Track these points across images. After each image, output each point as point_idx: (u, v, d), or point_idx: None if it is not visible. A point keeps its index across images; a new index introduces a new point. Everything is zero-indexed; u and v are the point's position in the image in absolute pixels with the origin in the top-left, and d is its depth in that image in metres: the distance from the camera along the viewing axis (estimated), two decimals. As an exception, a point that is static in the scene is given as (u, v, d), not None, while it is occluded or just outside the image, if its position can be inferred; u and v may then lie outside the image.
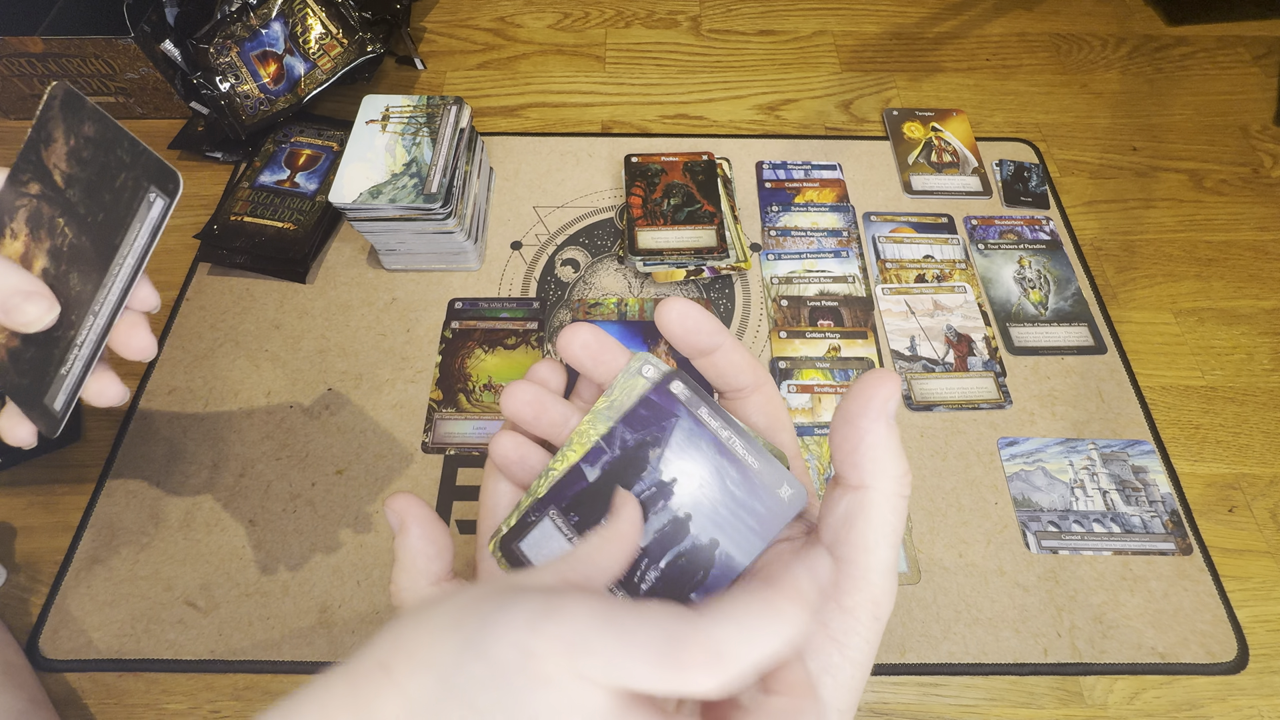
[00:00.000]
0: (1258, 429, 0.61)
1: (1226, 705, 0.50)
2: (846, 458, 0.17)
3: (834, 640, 0.16)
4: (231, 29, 0.72)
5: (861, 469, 0.17)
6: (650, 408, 0.19)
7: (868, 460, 0.16)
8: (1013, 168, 0.77)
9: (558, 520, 0.19)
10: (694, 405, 0.19)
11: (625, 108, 0.84)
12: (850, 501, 0.17)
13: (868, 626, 0.16)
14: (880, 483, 0.16)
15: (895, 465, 0.17)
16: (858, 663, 0.16)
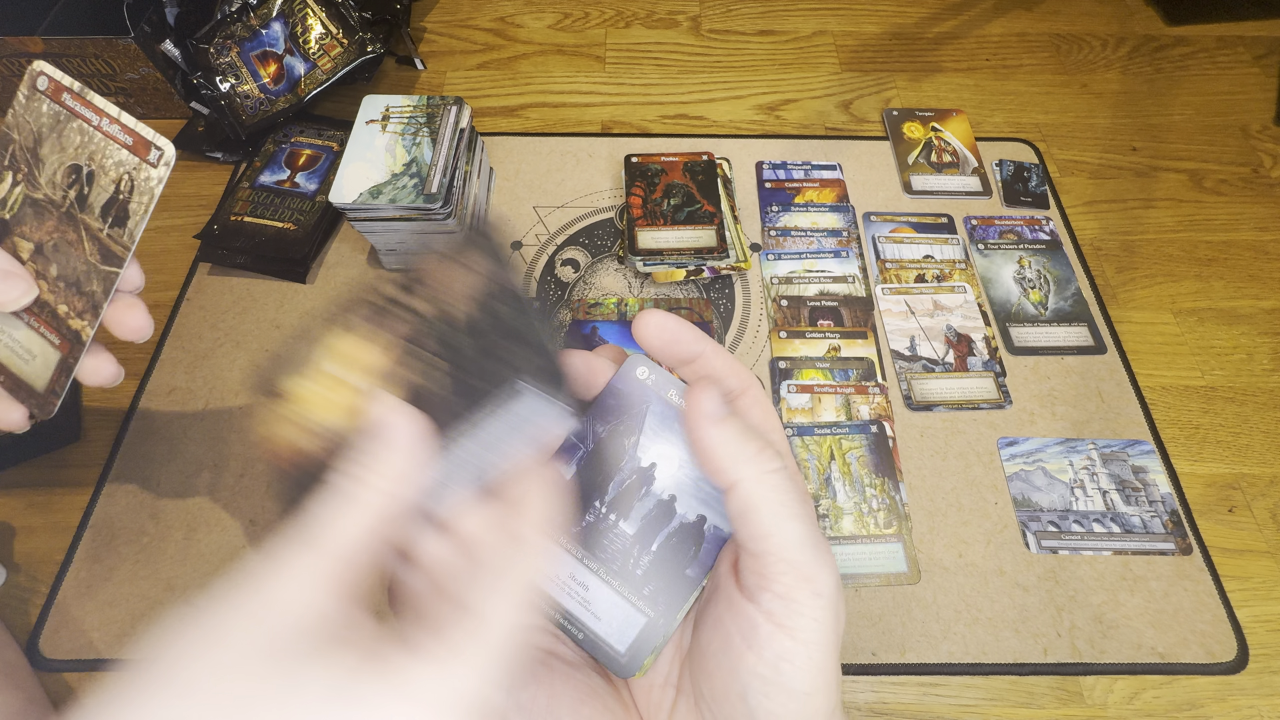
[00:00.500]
0: (1258, 429, 0.61)
1: (1226, 705, 0.50)
2: (704, 469, 0.18)
3: (781, 627, 0.17)
4: (231, 29, 0.72)
5: (720, 471, 0.17)
6: (617, 396, 0.19)
7: (718, 461, 0.17)
8: (1012, 168, 0.77)
9: None
10: (662, 388, 0.19)
11: (625, 108, 0.84)
12: (733, 501, 0.17)
13: (811, 606, 0.17)
14: (741, 471, 0.17)
15: (744, 449, 0.17)
16: (813, 643, 0.16)
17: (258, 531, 0.55)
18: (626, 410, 0.19)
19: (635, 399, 0.19)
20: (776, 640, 0.16)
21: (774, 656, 0.16)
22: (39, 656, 0.51)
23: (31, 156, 0.19)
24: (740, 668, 0.17)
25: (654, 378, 0.19)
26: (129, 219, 0.20)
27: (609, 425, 0.19)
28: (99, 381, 0.25)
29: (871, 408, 0.61)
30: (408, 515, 0.16)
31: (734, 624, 0.17)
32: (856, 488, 0.57)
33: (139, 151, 0.19)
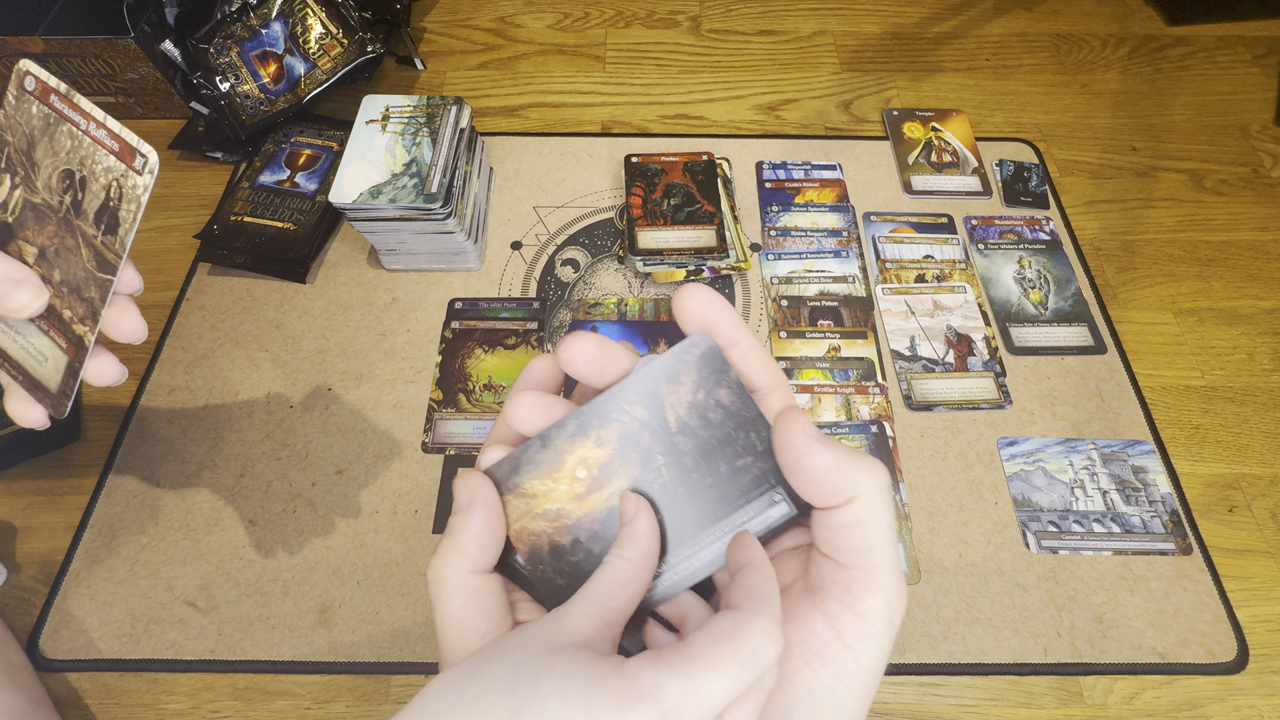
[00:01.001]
0: (1258, 429, 0.61)
1: (1226, 705, 0.50)
2: (819, 491, 0.17)
3: (848, 648, 0.16)
4: (231, 29, 0.72)
5: (837, 490, 0.17)
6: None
7: (834, 480, 0.17)
8: (1013, 168, 0.77)
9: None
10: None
11: (625, 108, 0.84)
12: (841, 514, 0.17)
13: (881, 631, 0.16)
14: (861, 486, 0.17)
15: (859, 465, 0.17)
16: (870, 669, 0.16)
17: (257, 532, 0.55)
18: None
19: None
20: (840, 660, 0.16)
21: (831, 677, 0.16)
22: (40, 656, 0.51)
23: (27, 159, 0.19)
24: (793, 680, 0.16)
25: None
26: (119, 226, 0.20)
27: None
28: (105, 382, 0.25)
29: (871, 408, 0.61)
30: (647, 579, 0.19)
31: (795, 635, 0.17)
32: (856, 488, 0.57)
33: (125, 158, 0.19)
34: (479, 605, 0.18)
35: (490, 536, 0.18)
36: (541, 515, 0.19)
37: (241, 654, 0.51)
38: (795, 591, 0.18)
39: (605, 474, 0.19)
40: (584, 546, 0.19)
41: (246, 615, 0.52)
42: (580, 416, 0.19)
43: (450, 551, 0.18)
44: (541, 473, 0.19)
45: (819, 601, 0.17)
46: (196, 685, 0.50)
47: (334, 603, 0.53)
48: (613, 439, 0.19)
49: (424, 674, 0.51)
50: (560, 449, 0.19)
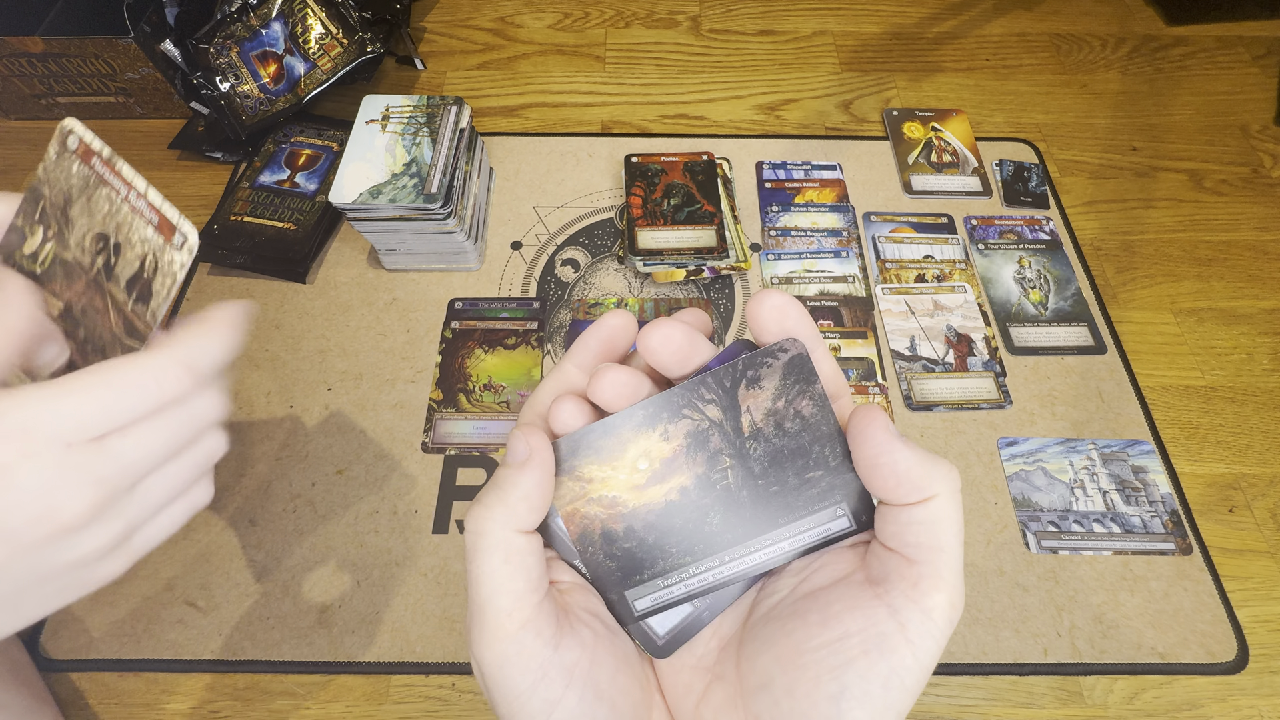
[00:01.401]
0: (1258, 429, 0.61)
1: (1226, 705, 0.50)
2: (898, 488, 0.17)
3: (910, 642, 0.16)
4: (231, 29, 0.72)
5: (919, 486, 0.17)
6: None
7: (915, 479, 0.17)
8: (1013, 168, 0.77)
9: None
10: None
11: (625, 108, 0.84)
12: (915, 511, 0.17)
13: (941, 629, 0.17)
14: (939, 486, 0.17)
15: (938, 465, 0.17)
16: (925, 666, 0.16)
17: (257, 532, 0.55)
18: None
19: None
20: (900, 653, 0.16)
21: (888, 669, 0.16)
22: (40, 656, 0.51)
23: (62, 215, 0.19)
24: (848, 670, 0.16)
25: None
26: (152, 299, 0.19)
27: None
28: None
29: (871, 408, 0.61)
30: None
31: (855, 624, 0.17)
32: (856, 488, 0.57)
33: (164, 232, 0.19)
34: (518, 564, 0.17)
35: (541, 498, 0.18)
36: (596, 500, 0.19)
37: (241, 654, 0.51)
38: (855, 582, 0.18)
39: (667, 469, 0.19)
40: (638, 535, 0.19)
41: (246, 615, 0.52)
42: (649, 407, 0.18)
43: (497, 505, 0.17)
44: (601, 459, 0.19)
45: (883, 594, 0.17)
46: (196, 685, 0.50)
47: (334, 603, 0.53)
48: (680, 435, 0.19)
49: (424, 674, 0.51)
50: (624, 437, 0.19)
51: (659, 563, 0.19)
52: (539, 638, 0.17)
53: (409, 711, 0.50)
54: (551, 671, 0.17)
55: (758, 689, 0.18)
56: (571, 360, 0.20)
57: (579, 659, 0.18)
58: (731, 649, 0.19)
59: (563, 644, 0.17)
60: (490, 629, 0.17)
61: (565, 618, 0.18)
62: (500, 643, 0.17)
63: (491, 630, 0.17)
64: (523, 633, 0.17)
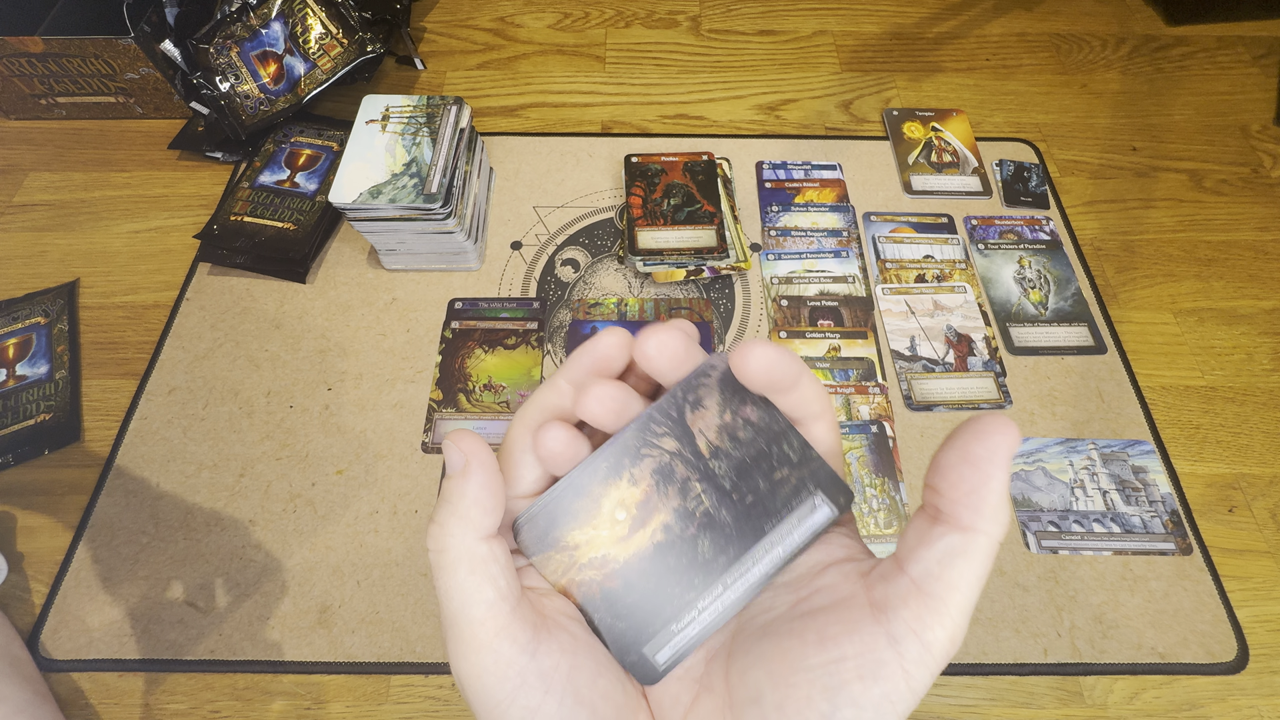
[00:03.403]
0: (1258, 429, 0.61)
1: (1226, 705, 0.50)
2: (964, 498, 0.17)
3: (905, 672, 0.16)
4: (231, 29, 0.72)
5: (979, 512, 0.16)
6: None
7: (988, 505, 0.16)
8: (1013, 168, 0.77)
9: None
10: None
11: (625, 108, 0.84)
12: (954, 541, 0.17)
13: (938, 661, 0.17)
14: (993, 528, 0.16)
15: (1007, 512, 0.17)
16: (917, 694, 0.17)
17: (257, 531, 0.55)
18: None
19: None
20: (894, 681, 0.16)
21: (881, 695, 0.16)
22: (40, 656, 0.51)
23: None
24: (841, 691, 0.16)
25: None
26: None
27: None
28: None
29: (871, 408, 0.61)
30: None
31: (852, 648, 0.17)
32: (856, 488, 0.57)
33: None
34: (484, 573, 0.17)
35: (491, 499, 0.18)
36: (588, 565, 0.19)
37: (241, 654, 0.51)
38: (857, 605, 0.18)
39: (645, 511, 0.19)
40: (637, 586, 0.19)
41: (246, 615, 0.52)
42: (609, 457, 0.19)
43: (450, 519, 0.17)
44: (580, 522, 0.19)
45: (885, 620, 0.17)
46: (196, 685, 0.50)
47: (334, 603, 0.53)
48: (647, 475, 0.19)
49: (424, 674, 0.51)
50: (595, 494, 0.19)
51: (666, 608, 0.19)
52: (515, 645, 0.17)
53: (409, 711, 0.50)
54: (530, 678, 0.17)
55: (747, 703, 0.18)
56: (564, 375, 0.20)
57: (557, 664, 0.18)
58: (720, 660, 0.19)
59: (540, 650, 0.17)
60: (466, 641, 0.17)
61: (542, 623, 0.18)
62: (476, 653, 0.17)
63: (467, 642, 0.17)
64: (498, 641, 0.17)
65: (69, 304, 0.67)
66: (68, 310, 0.67)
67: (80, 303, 0.68)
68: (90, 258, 0.70)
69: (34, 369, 0.63)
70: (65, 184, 0.76)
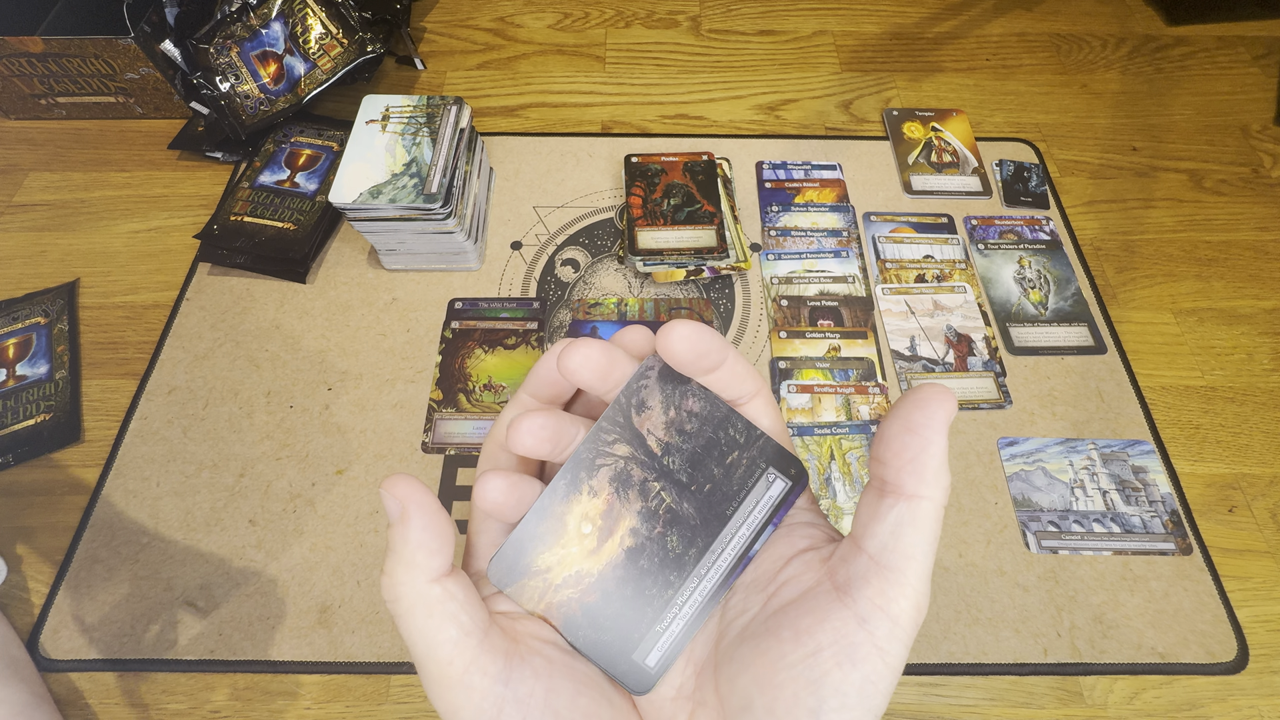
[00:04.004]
0: (1258, 429, 0.61)
1: (1226, 705, 0.50)
2: (907, 465, 0.17)
3: (879, 649, 0.17)
4: (231, 29, 0.72)
5: (921, 478, 0.17)
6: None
7: (929, 471, 0.17)
8: (1013, 168, 0.77)
9: None
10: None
11: (625, 108, 0.84)
12: (902, 510, 0.17)
13: (908, 632, 0.17)
14: (936, 493, 0.17)
15: (948, 477, 0.17)
16: (895, 670, 0.17)
17: (257, 531, 0.55)
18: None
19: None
20: (871, 662, 0.17)
21: (862, 678, 0.16)
22: (40, 656, 0.51)
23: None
24: (824, 682, 0.17)
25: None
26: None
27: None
28: None
29: (871, 408, 0.61)
30: None
31: (826, 638, 0.17)
32: (857, 488, 0.57)
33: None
34: (443, 614, 0.17)
35: (435, 540, 0.18)
36: (563, 584, 0.19)
37: (241, 654, 0.51)
38: (823, 593, 0.18)
39: (610, 520, 0.19)
40: (615, 595, 0.19)
41: (246, 615, 0.52)
42: (565, 475, 0.19)
43: (397, 568, 0.18)
44: (548, 544, 0.19)
45: (850, 602, 0.17)
46: (196, 685, 0.50)
47: (334, 603, 0.53)
48: (605, 484, 0.19)
49: (424, 674, 0.51)
50: (558, 513, 0.19)
51: (648, 609, 0.20)
52: (486, 676, 0.17)
53: (409, 711, 0.50)
54: (506, 707, 0.17)
55: (740, 711, 0.18)
56: (527, 389, 0.21)
57: (533, 689, 0.18)
58: (708, 673, 0.19)
59: (513, 677, 0.18)
60: (436, 680, 0.17)
61: (514, 649, 0.18)
62: (449, 691, 0.17)
63: (438, 681, 0.17)
64: (468, 676, 0.17)
65: (69, 304, 0.67)
66: (68, 310, 0.67)
67: (80, 303, 0.68)
68: (90, 258, 0.70)
69: (34, 369, 0.63)
70: (65, 184, 0.76)
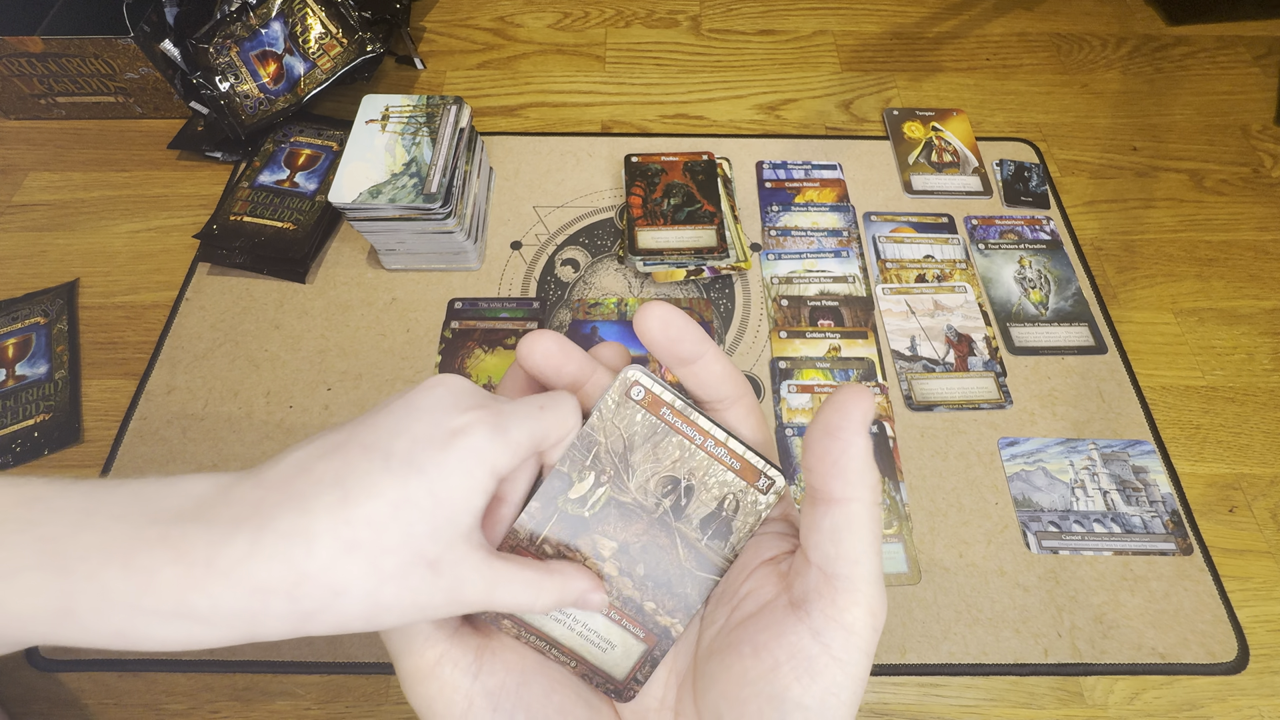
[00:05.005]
0: (1258, 429, 0.61)
1: (1227, 705, 0.50)
2: (830, 469, 0.17)
3: (837, 660, 0.16)
4: (231, 29, 0.72)
5: (847, 481, 0.17)
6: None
7: (853, 472, 0.17)
8: (1013, 168, 0.77)
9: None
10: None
11: (625, 108, 0.83)
12: (836, 516, 0.17)
13: (866, 639, 0.17)
14: (864, 494, 0.17)
15: (874, 475, 0.17)
16: (857, 678, 0.17)
17: (258, 531, 0.55)
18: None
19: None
20: (830, 673, 0.16)
21: (823, 690, 0.16)
22: (39, 656, 0.51)
23: (620, 461, 0.19)
24: (785, 698, 0.17)
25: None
26: (731, 535, 0.20)
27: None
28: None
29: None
30: None
31: (783, 652, 0.17)
32: (857, 488, 0.57)
33: (746, 476, 0.19)
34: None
35: None
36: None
37: (241, 654, 0.51)
38: (779, 607, 0.18)
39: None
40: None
41: (246, 615, 0.52)
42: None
43: None
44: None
45: (804, 616, 0.17)
46: (196, 685, 0.50)
47: (334, 603, 0.53)
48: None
49: (424, 674, 0.51)
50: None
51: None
52: (456, 668, 0.18)
53: (409, 712, 0.50)
54: (477, 699, 0.18)
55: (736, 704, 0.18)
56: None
57: (503, 682, 0.18)
58: (687, 686, 0.20)
59: (483, 670, 0.18)
60: (410, 673, 0.18)
61: (485, 644, 0.19)
62: (422, 683, 0.18)
63: (411, 673, 0.18)
64: (439, 668, 0.18)
65: (69, 304, 0.67)
66: (67, 310, 0.67)
67: (80, 303, 0.68)
68: (90, 258, 0.70)
69: (34, 369, 0.63)
70: (65, 184, 0.76)
